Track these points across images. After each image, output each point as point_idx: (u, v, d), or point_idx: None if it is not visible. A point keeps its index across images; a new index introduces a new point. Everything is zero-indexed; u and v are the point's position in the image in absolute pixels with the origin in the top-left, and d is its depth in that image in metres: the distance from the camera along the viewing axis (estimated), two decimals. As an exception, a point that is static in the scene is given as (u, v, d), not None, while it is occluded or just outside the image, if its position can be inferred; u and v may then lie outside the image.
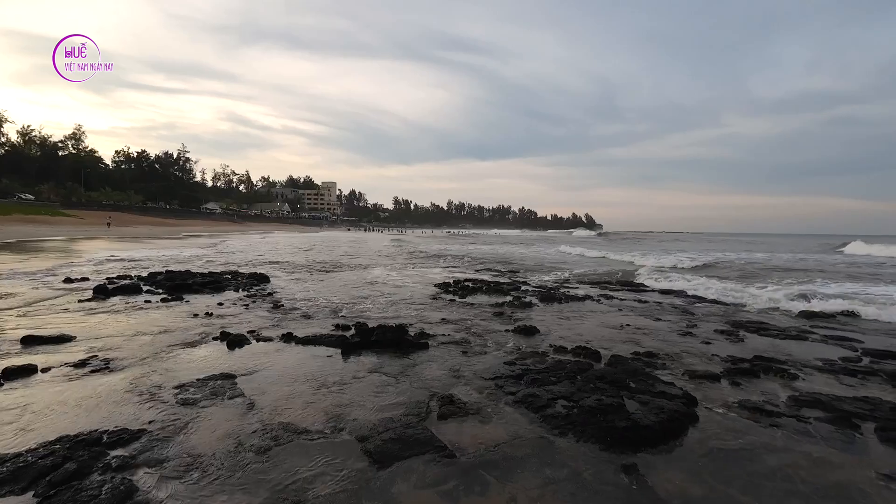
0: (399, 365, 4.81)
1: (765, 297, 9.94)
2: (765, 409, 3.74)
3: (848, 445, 3.19)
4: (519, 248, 33.89)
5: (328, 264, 16.71)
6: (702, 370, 4.74)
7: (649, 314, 8.05)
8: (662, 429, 3.21)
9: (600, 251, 28.83)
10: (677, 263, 18.72)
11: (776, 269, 18.08)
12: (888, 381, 4.56)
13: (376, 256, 21.75)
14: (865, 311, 8.40)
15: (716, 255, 25.78)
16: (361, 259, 19.80)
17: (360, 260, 19.34)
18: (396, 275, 13.81)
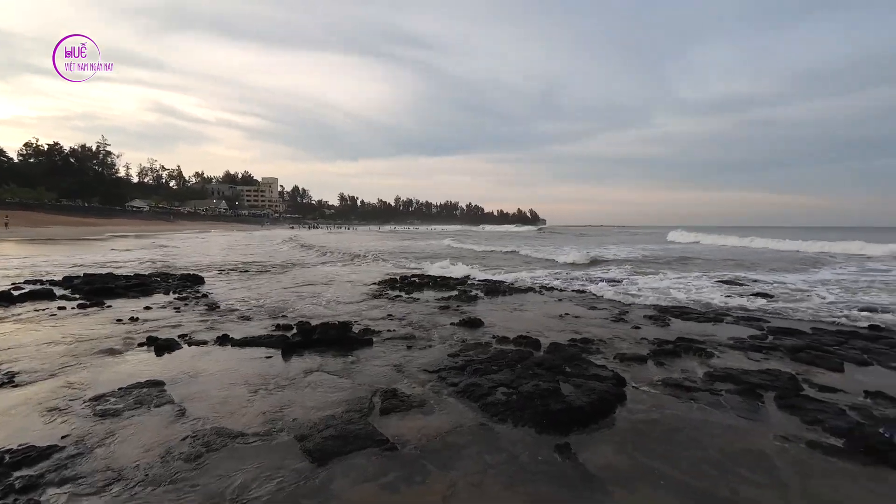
0: (342, 363, 4.74)
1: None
2: (684, 385, 4.08)
3: (753, 413, 3.55)
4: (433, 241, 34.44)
5: (270, 264, 16.06)
6: (631, 353, 5.08)
7: (586, 303, 8.47)
8: (593, 409, 3.41)
9: (512, 247, 29.89)
10: (576, 259, 18.40)
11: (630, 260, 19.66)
12: (787, 354, 5.12)
13: (319, 255, 21.18)
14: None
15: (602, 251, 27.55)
16: (305, 257, 19.20)
17: (305, 258, 18.76)
18: (343, 272, 13.54)
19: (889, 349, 5.28)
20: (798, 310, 7.96)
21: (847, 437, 3.07)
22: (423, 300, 8.63)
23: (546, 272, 13.81)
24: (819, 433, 3.20)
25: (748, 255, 22.44)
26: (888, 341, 5.61)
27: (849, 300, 9.04)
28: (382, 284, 10.55)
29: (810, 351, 5.09)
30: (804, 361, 4.85)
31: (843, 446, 2.98)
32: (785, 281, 12.08)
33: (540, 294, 9.62)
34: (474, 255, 21.79)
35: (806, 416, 3.43)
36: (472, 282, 11.31)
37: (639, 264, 16.79)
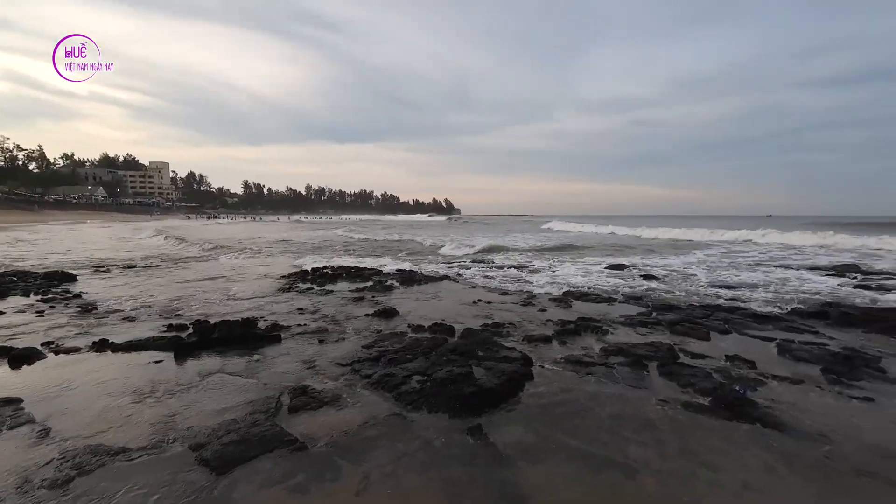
0: (246, 362, 4.42)
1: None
2: (583, 360, 4.44)
3: (639, 382, 3.97)
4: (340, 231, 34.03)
5: (161, 257, 14.41)
6: (538, 334, 5.40)
7: (497, 290, 8.83)
8: (503, 390, 3.57)
9: (410, 236, 30.56)
10: (469, 250, 19.07)
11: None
12: (667, 328, 5.81)
13: (221, 246, 19.51)
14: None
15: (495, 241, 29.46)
16: (206, 249, 17.54)
17: (205, 250, 17.13)
18: (248, 265, 12.61)
19: (743, 319, 6.23)
20: (675, 289, 9.07)
21: (712, 395, 3.57)
22: (337, 292, 8.36)
23: (452, 261, 14.15)
24: (691, 395, 3.68)
25: (636, 241, 25.08)
26: (743, 312, 6.62)
27: (714, 279, 10.52)
28: (292, 277, 10.02)
29: (685, 324, 5.83)
30: (680, 333, 5.54)
31: (709, 404, 3.46)
32: (666, 263, 13.70)
33: (455, 282, 9.82)
34: (359, 245, 21.62)
35: (681, 381, 3.92)
36: (387, 272, 11.20)
37: (542, 252, 17.91)
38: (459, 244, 19.67)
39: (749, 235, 24.29)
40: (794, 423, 3.17)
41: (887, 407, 3.49)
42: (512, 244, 21.39)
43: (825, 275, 11.16)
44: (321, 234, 30.71)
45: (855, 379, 4.03)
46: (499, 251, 17.89)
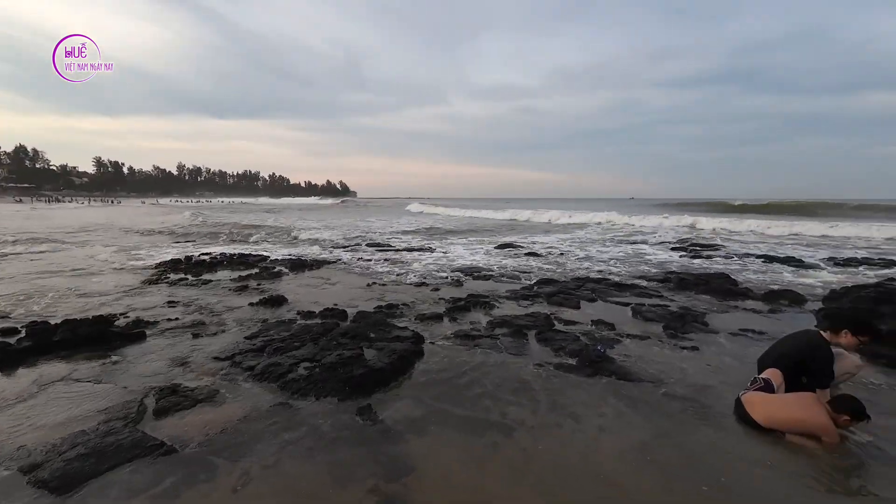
0: (101, 365, 3.85)
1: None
2: (471, 334, 4.69)
3: (520, 349, 4.32)
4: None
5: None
6: (430, 312, 5.55)
7: (393, 271, 8.86)
8: (394, 368, 3.62)
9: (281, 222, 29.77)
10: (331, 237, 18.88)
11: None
12: (546, 299, 6.39)
13: (69, 233, 16.49)
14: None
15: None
16: (51, 236, 14.64)
17: (50, 237, 14.29)
18: (101, 256, 10.85)
19: (607, 288, 7.12)
20: (553, 264, 10.00)
21: (578, 356, 4.04)
22: (216, 282, 7.64)
23: (345, 246, 13.85)
24: (562, 357, 4.12)
25: (518, 223, 26.97)
26: (607, 283, 7.55)
27: (585, 254, 11.80)
28: (161, 268, 8.89)
29: (560, 295, 6.47)
30: (556, 303, 6.14)
31: (576, 364, 3.91)
32: (545, 241, 15.00)
33: (349, 265, 9.60)
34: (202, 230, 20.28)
35: (554, 345, 4.36)
36: (275, 258, 10.53)
37: (433, 233, 18.37)
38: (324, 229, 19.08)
39: (614, 217, 27.54)
40: (640, 372, 3.73)
41: (707, 353, 4.28)
42: (402, 227, 21.52)
43: (670, 249, 13.19)
44: (173, 219, 27.53)
45: (686, 332, 4.87)
46: (383, 234, 17.87)
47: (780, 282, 7.85)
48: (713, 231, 19.28)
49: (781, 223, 19.52)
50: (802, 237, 16.62)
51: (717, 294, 6.76)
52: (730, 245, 14.00)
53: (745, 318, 5.53)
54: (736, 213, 31.77)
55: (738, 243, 14.72)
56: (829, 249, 12.95)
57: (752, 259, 10.70)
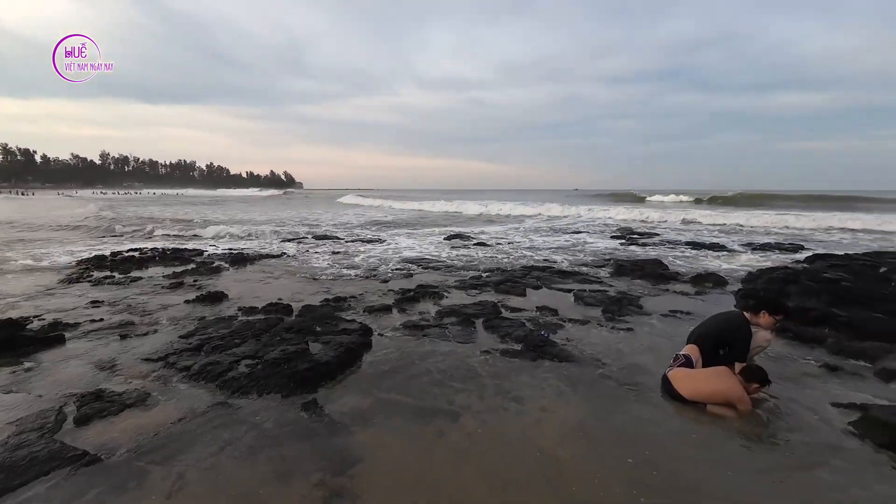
0: (10, 373, 3.50)
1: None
2: (420, 324, 4.71)
3: (468, 337, 4.40)
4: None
5: None
6: (378, 304, 5.51)
7: (340, 264, 8.68)
8: (340, 361, 3.57)
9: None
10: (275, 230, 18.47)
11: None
12: (493, 287, 6.53)
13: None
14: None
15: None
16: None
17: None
18: (10, 254, 9.78)
19: (551, 275, 7.39)
20: (501, 253, 10.23)
21: (523, 341, 4.18)
22: (148, 279, 7.13)
23: (293, 238, 13.42)
24: (508, 343, 4.24)
25: (468, 214, 27.31)
26: (551, 270, 7.84)
27: (530, 244, 12.16)
28: (83, 265, 8.16)
29: (507, 283, 6.64)
30: (503, 291, 6.30)
31: (521, 349, 4.05)
32: (494, 232, 15.30)
33: (294, 258, 9.30)
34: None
35: (501, 332, 4.48)
36: (213, 252, 9.98)
37: (383, 225, 18.21)
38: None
39: (559, 207, 28.55)
40: (580, 354, 3.93)
41: (640, 334, 4.57)
42: (350, 219, 21.14)
43: (610, 237, 13.90)
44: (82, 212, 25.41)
45: (623, 315, 5.17)
46: (331, 226, 17.49)
47: (706, 266, 8.51)
48: (648, 220, 20.52)
49: (707, 212, 21.13)
50: (725, 225, 18.07)
51: (651, 279, 7.22)
52: (664, 233, 14.96)
53: (675, 300, 5.96)
54: (671, 204, 33.99)
55: (671, 231, 15.76)
56: (748, 236, 14.20)
57: (682, 246, 11.51)
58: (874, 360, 3.81)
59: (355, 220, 20.81)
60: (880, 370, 3.62)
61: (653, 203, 35.25)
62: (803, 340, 4.34)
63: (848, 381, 3.50)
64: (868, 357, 3.87)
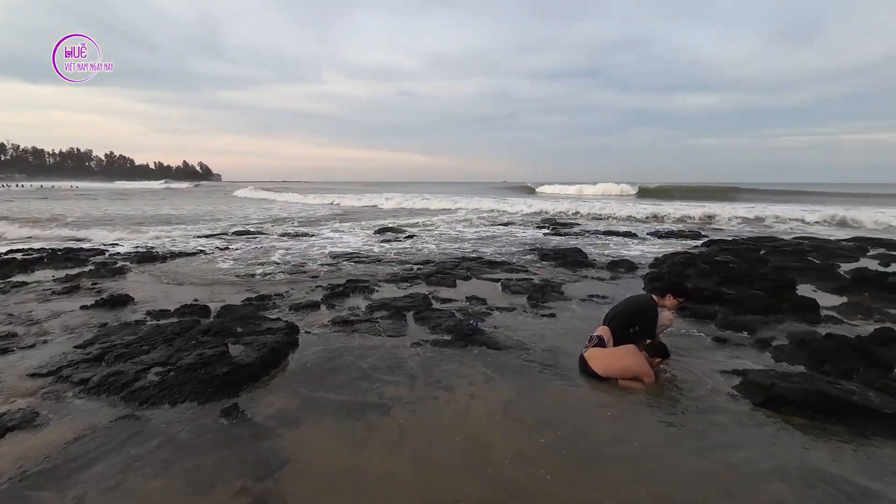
0: None
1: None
2: (349, 320, 4.63)
3: (398, 330, 4.41)
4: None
5: None
6: (306, 301, 5.33)
7: (265, 261, 8.26)
8: (264, 362, 3.41)
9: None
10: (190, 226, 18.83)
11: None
12: (424, 279, 6.58)
13: None
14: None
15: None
16: None
17: None
18: None
19: (481, 266, 7.60)
20: (432, 245, 10.32)
21: (453, 331, 4.27)
22: (35, 284, 6.28)
23: (212, 235, 12.54)
24: (438, 333, 4.31)
25: (400, 207, 27.19)
26: (481, 261, 8.05)
27: (460, 235, 12.40)
28: (-53, 270, 6.98)
29: (438, 275, 6.72)
30: (434, 283, 6.37)
31: (451, 339, 4.14)
32: (425, 224, 15.39)
33: (211, 257, 8.67)
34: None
35: (431, 323, 4.54)
36: (116, 251, 9.02)
37: (310, 219, 17.59)
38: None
39: (488, 200, 29.32)
40: (507, 340, 4.10)
41: (562, 318, 4.86)
42: (276, 214, 20.17)
43: (535, 227, 14.56)
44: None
45: (546, 302, 5.46)
46: (255, 221, 16.61)
47: (620, 253, 9.23)
48: (575, 213, 21.76)
49: (621, 205, 22.86)
50: (637, 216, 19.68)
51: (572, 266, 7.69)
52: (584, 223, 15.96)
53: (592, 286, 6.40)
54: (593, 196, 36.28)
55: (591, 221, 16.84)
56: (657, 225, 15.58)
57: (600, 235, 12.38)
58: (753, 332, 4.38)
59: (284, 214, 19.83)
60: (757, 340, 4.19)
61: (573, 195, 37.44)
62: (698, 317, 4.88)
63: (733, 351, 4.00)
64: (749, 329, 4.44)
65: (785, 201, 26.18)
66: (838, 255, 8.65)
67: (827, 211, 16.60)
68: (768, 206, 19.52)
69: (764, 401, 2.96)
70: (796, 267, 7.09)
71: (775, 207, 19.11)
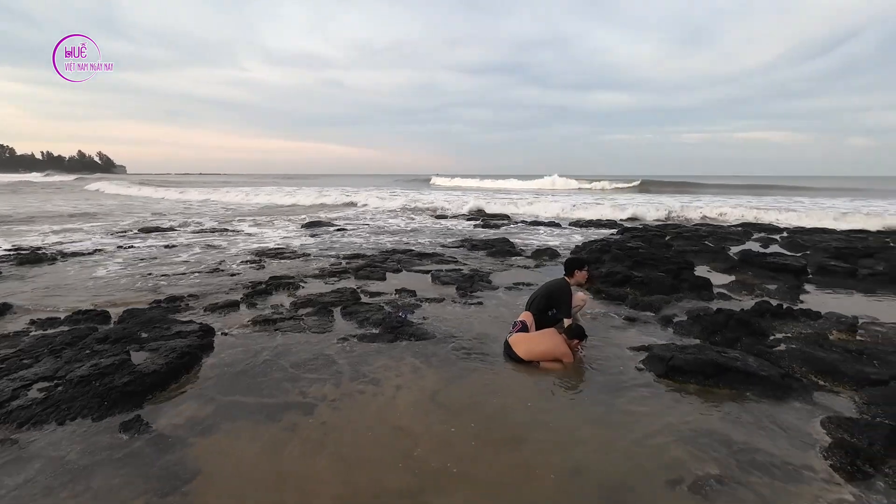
0: None
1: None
2: (272, 318, 4.41)
3: (325, 326, 4.27)
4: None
5: None
6: (224, 301, 4.98)
7: (175, 258, 7.61)
8: (172, 369, 3.15)
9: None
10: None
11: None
12: (353, 273, 6.44)
13: None
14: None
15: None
16: None
17: None
18: None
19: (411, 258, 7.58)
20: (361, 238, 10.13)
21: (381, 325, 4.22)
22: None
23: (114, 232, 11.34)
24: (366, 328, 4.25)
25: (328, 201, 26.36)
26: (411, 253, 8.04)
27: (392, 228, 12.29)
28: None
29: (367, 269, 6.61)
30: (363, 277, 6.25)
31: (379, 332, 4.09)
32: (355, 217, 15.06)
33: (110, 256, 7.81)
34: None
35: (359, 318, 4.46)
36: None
37: (235, 215, 16.52)
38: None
39: (419, 193, 29.33)
40: (435, 331, 4.13)
41: (489, 306, 5.00)
42: (196, 209, 18.68)
43: (466, 220, 14.81)
44: None
45: (474, 291, 5.58)
46: (167, 218, 15.31)
47: (545, 242, 9.67)
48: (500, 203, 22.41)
49: (551, 198, 23.94)
50: (549, 208, 20.72)
51: (500, 255, 7.93)
52: (512, 215, 16.50)
53: (518, 274, 6.65)
54: (520, 189, 37.61)
55: (519, 213, 17.44)
56: (576, 213, 16.52)
57: (526, 225, 12.88)
58: (658, 310, 4.81)
59: (204, 209, 18.35)
60: (661, 317, 4.60)
61: (507, 188, 38.62)
62: (612, 299, 5.27)
63: (641, 329, 4.36)
64: (654, 308, 4.87)
65: (687, 192, 29.00)
66: (729, 239, 9.76)
67: (725, 200, 18.63)
68: (675, 196, 21.48)
69: (665, 372, 3.26)
70: (694, 250, 7.90)
71: (681, 197, 21.09)
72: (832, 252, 7.62)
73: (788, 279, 6.15)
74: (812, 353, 3.43)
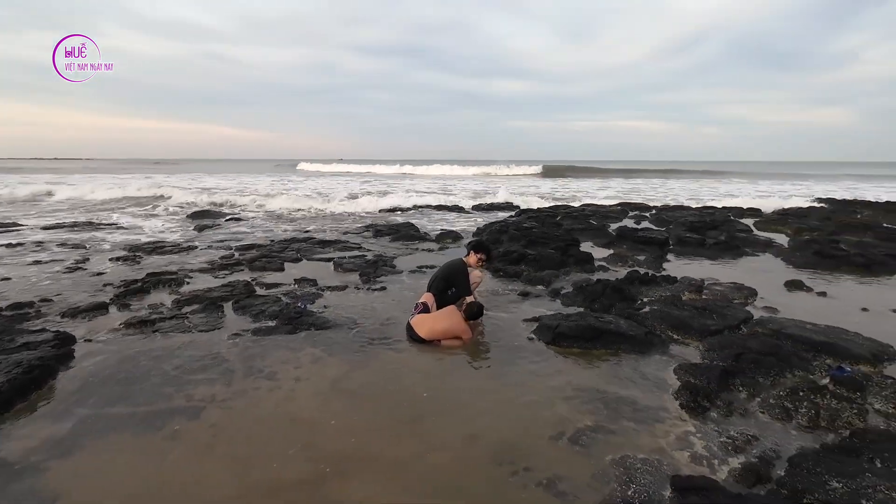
0: None
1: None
2: (150, 319, 3.96)
3: (213, 323, 3.94)
4: None
5: None
6: (88, 303, 4.35)
7: (25, 259, 6.44)
8: (19, 385, 2.69)
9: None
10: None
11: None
12: (247, 265, 6.01)
13: None
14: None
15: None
16: None
17: None
18: None
19: (312, 246, 7.28)
20: (256, 227, 9.48)
21: (278, 316, 4.02)
22: None
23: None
24: (261, 321, 4.01)
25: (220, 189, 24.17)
26: (312, 241, 7.72)
27: (291, 216, 11.67)
28: None
29: (263, 259, 6.21)
30: (258, 269, 5.87)
31: (276, 325, 3.89)
32: (252, 206, 14.01)
33: (-69, 260, 6.35)
34: None
35: (253, 312, 4.19)
36: None
37: (106, 206, 14.42)
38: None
39: (323, 179, 28.16)
40: (337, 319, 4.05)
41: (392, 291, 5.02)
42: (43, 201, 15.97)
43: (378, 207, 14.58)
44: None
45: (378, 276, 5.55)
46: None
47: (447, 226, 9.91)
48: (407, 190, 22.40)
49: (461, 183, 24.46)
50: (466, 189, 21.36)
51: (404, 240, 7.97)
52: (419, 200, 16.56)
53: (422, 257, 6.75)
54: (428, 174, 37.84)
55: (427, 197, 17.57)
56: (479, 198, 17.15)
57: (432, 210, 13.07)
58: (549, 284, 5.23)
59: (53, 199, 15.58)
60: (551, 290, 5.02)
61: (414, 174, 38.62)
62: (508, 276, 5.60)
63: (534, 302, 4.72)
64: (545, 282, 5.29)
65: (578, 176, 31.64)
66: (609, 217, 10.89)
67: (608, 184, 20.65)
68: (570, 181, 23.32)
69: (552, 339, 3.58)
70: (580, 228, 8.69)
71: (574, 181, 22.97)
72: (688, 226, 8.90)
73: (654, 250, 7.06)
74: (669, 312, 4.01)
